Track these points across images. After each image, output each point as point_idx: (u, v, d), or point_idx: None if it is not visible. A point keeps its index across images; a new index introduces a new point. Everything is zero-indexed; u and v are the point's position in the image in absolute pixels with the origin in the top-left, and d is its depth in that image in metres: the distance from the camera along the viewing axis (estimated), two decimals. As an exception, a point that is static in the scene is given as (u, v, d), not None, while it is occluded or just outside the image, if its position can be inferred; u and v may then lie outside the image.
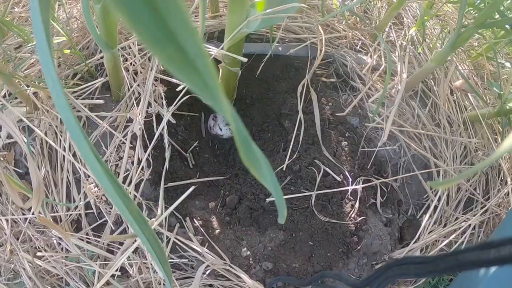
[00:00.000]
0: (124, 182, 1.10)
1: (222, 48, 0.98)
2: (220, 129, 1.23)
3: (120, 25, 1.34)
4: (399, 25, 1.71)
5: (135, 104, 1.12)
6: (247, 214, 1.09)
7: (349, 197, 1.10)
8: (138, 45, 1.26)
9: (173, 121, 1.13)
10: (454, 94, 1.57)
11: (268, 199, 1.06)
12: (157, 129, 1.12)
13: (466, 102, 1.59)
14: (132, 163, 1.11)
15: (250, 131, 1.25)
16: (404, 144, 1.27)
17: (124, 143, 1.12)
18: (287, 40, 1.34)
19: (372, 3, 1.71)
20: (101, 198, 1.07)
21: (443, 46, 1.71)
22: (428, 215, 1.28)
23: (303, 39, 1.32)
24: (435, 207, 1.34)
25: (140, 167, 1.06)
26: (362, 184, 1.12)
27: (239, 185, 1.12)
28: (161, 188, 1.09)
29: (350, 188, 1.07)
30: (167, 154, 1.11)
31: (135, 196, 1.06)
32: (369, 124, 1.19)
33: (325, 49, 1.30)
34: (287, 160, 1.10)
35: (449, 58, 1.49)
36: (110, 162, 1.12)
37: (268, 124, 1.25)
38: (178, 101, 1.03)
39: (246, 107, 1.28)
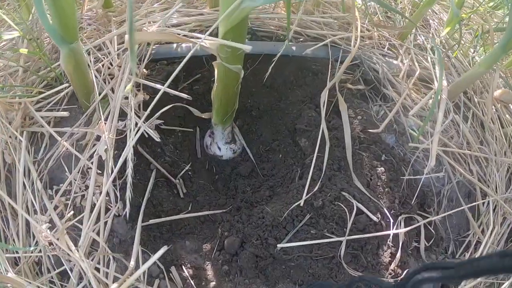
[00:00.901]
0: (90, 219, 0.76)
1: (214, 35, 0.64)
2: (219, 148, 0.90)
3: (98, 20, 1.01)
4: (425, 27, 1.37)
5: (102, 117, 0.78)
6: (252, 263, 0.77)
7: (389, 243, 0.75)
8: (118, 44, 0.92)
9: (157, 139, 0.80)
10: (493, 106, 1.22)
11: (280, 245, 0.73)
12: (133, 150, 0.78)
13: (507, 115, 1.24)
14: (100, 193, 0.76)
15: (257, 150, 0.92)
16: (449, 168, 0.92)
17: (91, 167, 0.78)
18: (301, 39, 1.00)
19: (395, 2, 1.38)
20: (56, 244, 0.73)
21: (476, 50, 1.38)
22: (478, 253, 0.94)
23: (320, 37, 0.98)
24: (477, 243, 1.00)
25: (102, 197, 0.73)
26: (405, 225, 0.77)
27: (242, 223, 0.79)
28: (138, 228, 0.75)
29: (391, 232, 0.73)
30: (129, 182, 0.77)
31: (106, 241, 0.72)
32: (412, 144, 0.84)
33: (350, 50, 0.96)
34: (305, 192, 0.76)
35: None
36: (73, 192, 0.78)
37: (280, 143, 0.91)
38: (155, 112, 0.70)
39: (252, 120, 0.95)
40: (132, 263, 0.72)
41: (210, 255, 0.80)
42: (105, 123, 0.76)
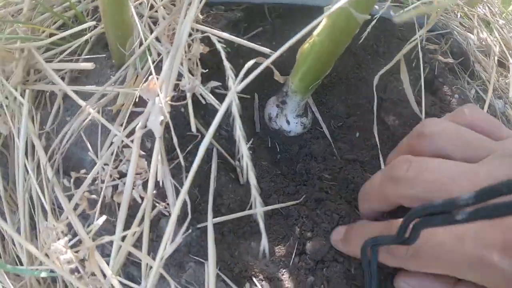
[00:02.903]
0: (128, 222, 0.38)
1: None
2: (287, 122, 0.53)
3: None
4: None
5: (153, 72, 0.38)
6: (344, 273, 0.42)
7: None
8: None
9: (218, 105, 0.42)
10: None
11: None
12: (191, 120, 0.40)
13: None
14: (145, 185, 0.38)
15: (327, 126, 0.55)
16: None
17: (128, 146, 0.39)
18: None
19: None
20: (84, 273, 0.35)
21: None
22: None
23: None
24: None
25: (150, 190, 0.35)
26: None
27: (329, 222, 0.43)
28: (210, 231, 0.39)
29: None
30: (214, 169, 0.40)
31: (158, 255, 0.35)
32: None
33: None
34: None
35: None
36: (100, 181, 0.39)
37: (358, 119, 0.55)
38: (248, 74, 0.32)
39: (321, 89, 0.58)
40: (211, 275, 0.36)
41: (286, 261, 0.45)
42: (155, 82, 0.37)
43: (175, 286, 0.35)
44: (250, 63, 0.34)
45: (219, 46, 0.33)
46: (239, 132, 0.26)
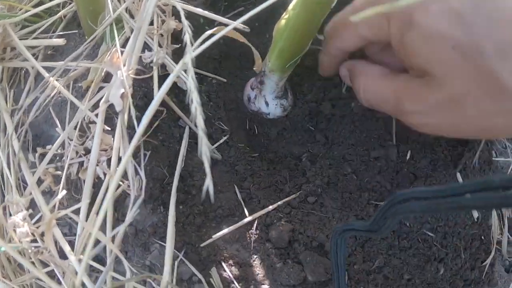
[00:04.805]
0: (93, 201, 0.37)
1: None
2: (266, 104, 0.51)
3: None
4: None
5: (118, 46, 0.37)
6: (314, 260, 0.40)
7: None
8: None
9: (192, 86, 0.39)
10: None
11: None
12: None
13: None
14: (109, 162, 0.38)
15: (303, 114, 0.53)
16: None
17: (93, 122, 0.38)
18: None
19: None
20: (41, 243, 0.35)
21: None
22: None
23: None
24: None
25: (113, 167, 0.34)
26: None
27: (301, 207, 0.42)
28: (171, 212, 0.38)
29: None
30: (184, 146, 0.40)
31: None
32: None
33: None
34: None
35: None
36: (66, 158, 0.39)
37: (335, 103, 0.53)
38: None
39: (302, 71, 0.56)
40: (167, 264, 0.35)
41: (258, 247, 0.44)
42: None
43: (128, 266, 0.34)
44: (209, 32, 0.33)
45: (179, 6, 0.32)
46: (191, 80, 0.25)
